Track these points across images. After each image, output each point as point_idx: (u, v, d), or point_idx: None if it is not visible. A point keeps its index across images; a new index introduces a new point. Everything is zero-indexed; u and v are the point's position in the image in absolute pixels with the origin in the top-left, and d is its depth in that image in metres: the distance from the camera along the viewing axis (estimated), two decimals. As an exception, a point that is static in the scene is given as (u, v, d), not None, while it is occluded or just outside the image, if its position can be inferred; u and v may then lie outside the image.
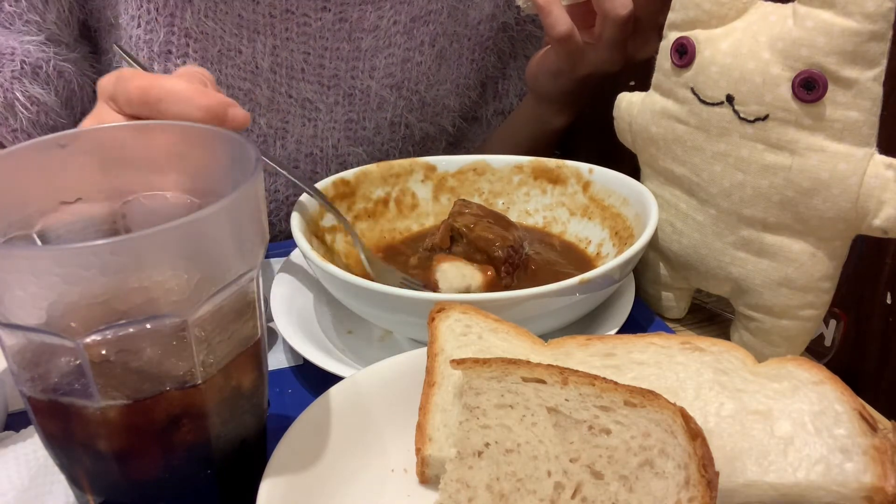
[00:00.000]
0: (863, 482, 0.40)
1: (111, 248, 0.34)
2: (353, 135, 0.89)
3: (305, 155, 0.88)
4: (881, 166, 0.53)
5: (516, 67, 1.00)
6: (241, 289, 0.40)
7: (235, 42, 0.79)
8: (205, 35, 0.78)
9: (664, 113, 0.61)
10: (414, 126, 0.93)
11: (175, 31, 0.78)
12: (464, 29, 0.91)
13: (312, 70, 0.84)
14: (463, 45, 0.93)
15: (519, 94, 1.01)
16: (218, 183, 0.43)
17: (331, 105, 0.86)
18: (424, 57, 0.88)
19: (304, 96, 0.85)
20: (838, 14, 0.51)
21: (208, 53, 0.79)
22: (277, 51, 0.81)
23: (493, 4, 0.92)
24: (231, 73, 0.81)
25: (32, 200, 0.43)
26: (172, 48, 0.78)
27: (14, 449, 0.47)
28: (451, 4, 0.88)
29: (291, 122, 0.86)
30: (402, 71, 0.88)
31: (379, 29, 0.84)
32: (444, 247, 0.65)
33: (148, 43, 0.78)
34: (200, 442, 0.40)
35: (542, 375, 0.44)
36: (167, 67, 0.79)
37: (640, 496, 0.39)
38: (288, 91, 0.84)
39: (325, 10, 0.81)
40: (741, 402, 0.45)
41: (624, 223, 0.67)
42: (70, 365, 0.38)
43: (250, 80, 0.82)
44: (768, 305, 0.59)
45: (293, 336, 0.58)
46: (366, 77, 0.86)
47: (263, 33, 0.80)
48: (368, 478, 0.46)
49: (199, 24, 0.78)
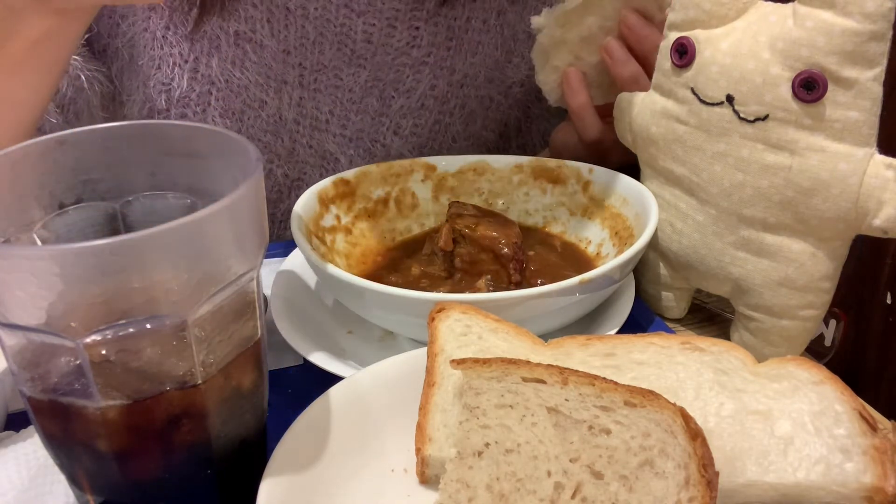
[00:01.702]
0: (863, 482, 0.40)
1: (111, 248, 0.34)
2: None
3: None
4: (881, 166, 0.53)
5: (539, 108, 0.97)
6: (241, 289, 0.40)
7: (261, 94, 0.77)
8: (229, 85, 0.75)
9: (664, 113, 0.61)
10: None
11: (198, 78, 0.74)
12: (497, 92, 0.89)
13: (337, 121, 0.81)
14: (492, 106, 0.91)
15: (542, 133, 0.98)
16: (218, 183, 0.43)
17: (351, 157, 0.84)
18: (454, 119, 0.86)
19: (326, 148, 0.83)
20: (838, 14, 0.51)
21: (231, 105, 0.76)
22: (304, 102, 0.79)
23: (529, 66, 0.86)
24: (254, 124, 0.78)
25: (32, 200, 0.43)
26: (193, 95, 0.75)
27: (14, 449, 0.47)
28: (490, 68, 0.86)
29: (309, 174, 0.84)
30: (430, 133, 0.86)
31: (413, 92, 0.82)
32: (446, 249, 0.64)
33: (167, 89, 0.75)
34: (200, 442, 0.40)
35: (542, 375, 0.44)
36: (185, 114, 0.76)
37: (640, 496, 0.39)
38: (309, 142, 0.82)
39: (360, 68, 0.78)
40: (741, 402, 0.45)
41: (624, 223, 0.67)
42: (70, 365, 0.38)
43: (272, 133, 0.79)
44: (768, 305, 0.59)
45: (293, 336, 0.58)
46: (391, 135, 0.84)
47: (291, 84, 0.77)
48: (368, 478, 0.46)
49: (225, 73, 0.74)
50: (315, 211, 0.66)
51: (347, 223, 0.70)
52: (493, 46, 0.85)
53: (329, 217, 0.68)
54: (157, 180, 0.45)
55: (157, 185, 0.45)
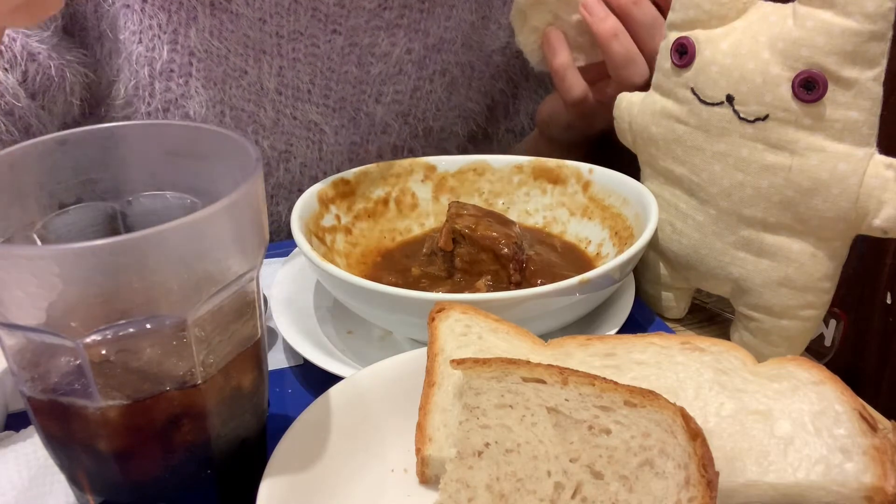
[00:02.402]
0: (863, 482, 0.40)
1: (111, 248, 0.34)
2: (356, 157, 0.88)
3: (310, 178, 0.86)
4: (881, 166, 0.53)
5: (527, 88, 0.98)
6: (241, 289, 0.40)
7: (241, 63, 0.78)
8: (209, 54, 0.77)
9: (664, 113, 0.61)
10: (418, 151, 0.91)
11: (178, 49, 0.76)
12: (477, 59, 0.90)
13: (319, 91, 0.82)
14: (474, 75, 0.91)
15: (529, 114, 0.99)
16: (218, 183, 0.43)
17: (336, 128, 0.85)
18: (434, 86, 0.87)
19: (310, 118, 0.83)
20: (838, 14, 0.51)
21: (212, 74, 0.78)
22: (284, 72, 0.80)
23: (508, 34, 0.89)
24: (236, 94, 0.79)
25: (32, 200, 0.43)
26: (175, 67, 0.77)
27: (14, 449, 0.47)
28: (467, 33, 0.86)
29: (296, 145, 0.85)
30: (411, 100, 0.86)
31: (390, 56, 0.82)
32: (447, 249, 0.64)
33: (149, 61, 0.76)
34: (200, 442, 0.40)
35: (542, 375, 0.44)
36: (169, 87, 0.77)
37: (640, 496, 0.39)
38: (293, 113, 0.83)
39: (335, 34, 0.79)
40: (741, 402, 0.45)
41: (624, 223, 0.67)
42: (70, 365, 0.38)
43: (255, 102, 0.80)
44: (768, 305, 0.59)
45: (293, 336, 0.58)
46: (372, 102, 0.85)
47: (270, 54, 0.78)
48: (368, 478, 0.46)
49: (205, 43, 0.76)
50: (315, 211, 0.66)
51: (347, 223, 0.70)
52: (468, 10, 0.86)
53: (329, 217, 0.68)
54: (157, 180, 0.45)
55: (157, 185, 0.45)
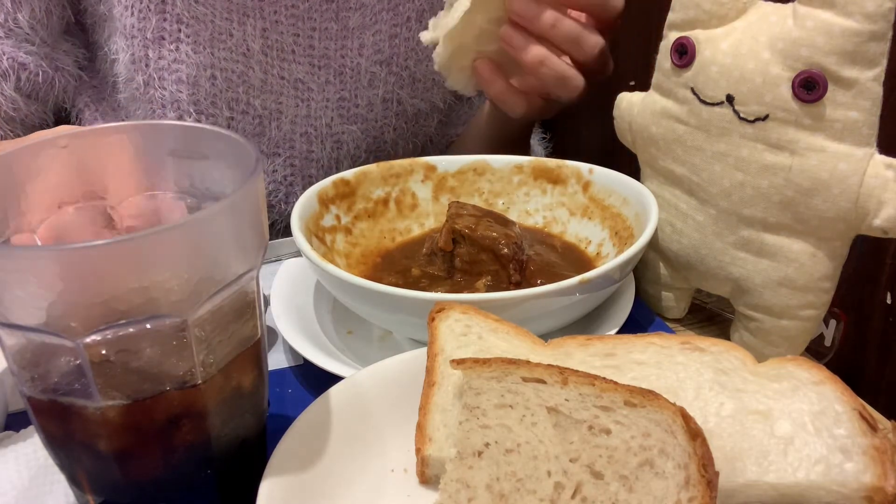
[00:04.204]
0: (863, 482, 0.40)
1: (111, 248, 0.34)
2: (346, 112, 0.91)
3: (300, 134, 0.90)
4: (881, 166, 0.53)
5: None
6: (241, 289, 0.40)
7: (226, 25, 0.82)
8: (196, 19, 0.81)
9: (664, 113, 0.61)
10: (406, 102, 0.94)
11: (167, 17, 0.81)
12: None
13: (302, 51, 0.86)
14: None
15: None
16: (218, 183, 0.43)
17: (322, 84, 0.89)
18: (411, 32, 0.90)
19: (296, 77, 0.87)
20: (838, 14, 0.51)
21: (200, 37, 0.82)
22: (267, 33, 0.84)
23: None
24: (224, 55, 0.84)
25: (32, 200, 0.43)
26: (165, 34, 0.82)
27: (14, 449, 0.47)
28: None
29: (285, 103, 0.88)
30: (390, 47, 0.90)
31: (364, 6, 0.86)
32: (446, 249, 0.64)
33: (141, 31, 0.81)
34: (200, 442, 0.40)
35: (542, 375, 0.44)
36: (161, 53, 0.82)
37: (640, 496, 0.39)
38: (280, 72, 0.87)
39: None
40: (741, 402, 0.45)
41: (624, 223, 0.67)
42: (70, 365, 0.38)
43: (243, 63, 0.85)
44: (768, 305, 0.59)
45: (293, 336, 0.58)
46: (355, 55, 0.89)
47: (253, 16, 0.83)
48: (368, 478, 0.46)
49: (190, 8, 0.81)
50: (315, 211, 0.66)
51: (347, 223, 0.70)
52: None
53: (329, 217, 0.68)
54: (157, 180, 0.45)
55: (157, 185, 0.45)
